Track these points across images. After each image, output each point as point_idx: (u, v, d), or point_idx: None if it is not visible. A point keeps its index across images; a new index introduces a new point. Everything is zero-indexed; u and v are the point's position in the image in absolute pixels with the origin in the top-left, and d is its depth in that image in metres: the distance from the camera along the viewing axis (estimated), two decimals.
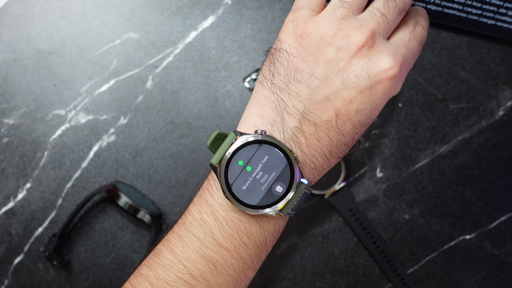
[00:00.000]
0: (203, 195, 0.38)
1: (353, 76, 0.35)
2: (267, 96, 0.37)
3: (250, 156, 0.36)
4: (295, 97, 0.37)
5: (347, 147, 0.38)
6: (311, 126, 0.36)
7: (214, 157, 0.36)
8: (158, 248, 0.39)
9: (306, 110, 0.36)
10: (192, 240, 0.37)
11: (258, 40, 0.62)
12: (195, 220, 0.38)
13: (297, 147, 0.37)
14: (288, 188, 0.36)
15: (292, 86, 0.37)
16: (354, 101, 0.36)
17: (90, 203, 0.61)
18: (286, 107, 0.37)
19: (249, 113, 0.38)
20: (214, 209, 0.37)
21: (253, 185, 0.36)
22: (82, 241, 0.61)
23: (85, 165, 0.62)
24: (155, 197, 0.61)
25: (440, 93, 0.61)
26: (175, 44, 0.62)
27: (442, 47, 0.61)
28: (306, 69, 0.36)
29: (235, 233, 0.37)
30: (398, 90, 0.37)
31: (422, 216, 0.61)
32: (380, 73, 0.35)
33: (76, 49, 0.62)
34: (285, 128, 0.37)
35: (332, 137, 0.36)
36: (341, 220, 0.61)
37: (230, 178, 0.36)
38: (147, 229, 0.61)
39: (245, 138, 0.36)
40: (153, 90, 0.62)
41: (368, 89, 0.36)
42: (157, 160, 0.61)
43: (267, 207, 0.36)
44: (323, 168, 0.38)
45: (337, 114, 0.36)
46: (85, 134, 0.62)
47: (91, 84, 0.62)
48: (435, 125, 0.61)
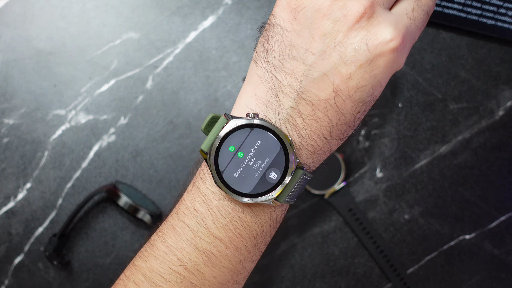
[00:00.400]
0: (196, 183, 0.37)
1: (352, 50, 0.34)
2: (261, 75, 0.36)
3: (241, 141, 0.35)
4: (290, 75, 0.35)
5: (348, 128, 0.36)
6: (308, 105, 0.35)
7: (204, 143, 0.35)
8: (152, 238, 0.38)
9: (302, 89, 0.35)
10: (184, 230, 0.37)
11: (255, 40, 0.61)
12: (188, 209, 0.37)
13: (293, 129, 0.35)
14: (283, 175, 0.35)
15: (287, 63, 0.35)
16: (354, 77, 0.34)
17: (90, 203, 0.62)
18: (281, 86, 0.35)
19: (243, 94, 0.37)
20: (206, 197, 0.36)
21: (245, 172, 0.35)
22: (82, 241, 0.61)
23: (85, 165, 0.62)
24: (155, 197, 0.61)
25: (440, 93, 0.62)
26: (175, 44, 0.62)
27: (442, 47, 0.61)
28: (302, 45, 0.35)
29: (229, 223, 0.36)
30: (401, 65, 0.35)
31: (422, 216, 0.61)
32: (381, 45, 0.34)
33: (76, 49, 0.62)
34: (280, 109, 0.35)
35: (331, 116, 0.35)
36: (341, 220, 0.62)
37: (220, 165, 0.35)
38: (147, 229, 0.61)
39: (235, 122, 0.35)
40: (153, 90, 0.62)
41: (368, 64, 0.34)
42: (157, 160, 0.61)
43: (261, 195, 0.35)
44: (323, 151, 0.37)
45: (335, 92, 0.34)
46: (85, 134, 0.62)
47: (91, 84, 0.62)
48: (435, 125, 0.61)
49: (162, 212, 0.61)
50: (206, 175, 0.37)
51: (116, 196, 0.58)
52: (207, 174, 0.37)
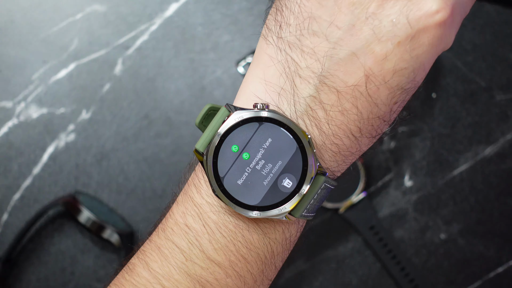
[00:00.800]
0: (189, 192, 0.37)
1: (388, 23, 0.33)
2: (273, 55, 0.35)
3: (247, 139, 0.34)
4: (310, 54, 0.34)
5: (383, 122, 0.35)
6: (332, 94, 0.34)
7: (199, 140, 0.35)
8: (132, 262, 0.37)
9: (325, 72, 0.34)
10: (173, 252, 0.36)
11: (255, 14, 0.61)
12: (178, 225, 0.36)
13: (313, 124, 0.35)
14: (300, 182, 0.34)
15: (305, 40, 0.35)
16: (390, 57, 0.33)
17: (43, 219, 0.60)
18: (298, 69, 0.35)
19: (249, 79, 0.36)
20: (202, 210, 0.36)
21: (252, 178, 0.34)
22: (33, 267, 0.60)
23: (37, 171, 0.61)
24: (125, 211, 0.61)
25: (484, 80, 0.61)
26: (151, 19, 0.62)
27: (485, 23, 0.61)
28: (324, 16, 0.34)
29: (230, 243, 0.35)
30: (449, 43, 0.35)
31: (462, 235, 0.61)
32: (425, 17, 0.33)
33: (27, 26, 0.62)
34: (297, 98, 0.35)
35: (362, 108, 0.34)
36: (360, 240, 0.61)
37: (220, 169, 0.34)
38: (115, 252, 0.60)
39: (240, 115, 0.34)
40: (123, 76, 0.61)
41: (409, 41, 0.33)
42: (128, 165, 0.61)
43: (271, 208, 0.34)
44: (350, 153, 0.36)
45: (367, 76, 0.34)
46: (37, 132, 0.61)
47: (45, 69, 0.61)
48: (477, 121, 0.61)
49: (134, 231, 0.60)
50: (202, 182, 0.36)
51: (76, 211, 0.58)
52: (202, 180, 0.36)
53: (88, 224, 0.57)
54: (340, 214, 0.60)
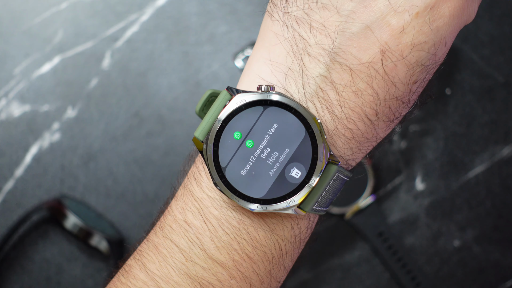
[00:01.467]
0: (188, 185, 0.36)
1: None
2: (279, 33, 0.35)
3: (250, 125, 0.33)
4: (319, 30, 0.34)
5: (402, 104, 0.35)
6: (345, 72, 0.34)
7: (198, 127, 0.34)
8: (128, 263, 0.37)
9: (336, 49, 0.33)
10: (172, 251, 0.35)
11: (254, 2, 0.61)
12: (177, 222, 0.36)
13: (323, 107, 0.34)
14: (309, 172, 0.33)
15: (315, 14, 0.34)
16: (408, 29, 0.33)
17: (26, 225, 0.60)
18: (306, 47, 0.34)
19: (253, 60, 0.36)
20: (202, 205, 0.35)
21: (256, 168, 0.34)
22: (16, 276, 0.59)
23: (20, 174, 0.61)
24: (114, 217, 0.60)
25: (502, 75, 0.60)
26: (142, 8, 0.62)
27: (503, 14, 0.60)
28: None
29: (233, 241, 0.35)
30: (472, 16, 0.34)
31: (477, 242, 0.61)
32: None
33: (7, 16, 0.62)
34: (306, 78, 0.34)
35: (378, 88, 0.33)
36: (368, 248, 0.60)
37: (222, 159, 0.34)
38: (104, 260, 0.59)
39: (242, 98, 0.33)
40: (112, 71, 0.61)
41: (428, 11, 0.33)
42: (117, 166, 0.61)
43: (278, 200, 0.34)
44: (366, 139, 0.35)
45: (383, 52, 0.33)
46: (19, 131, 0.61)
47: (28, 63, 0.61)
48: (495, 119, 0.61)
49: (124, 238, 0.59)
50: (202, 174, 0.36)
51: (61, 216, 0.57)
52: (203, 172, 0.36)
53: (75, 230, 0.57)
54: (347, 220, 0.59)
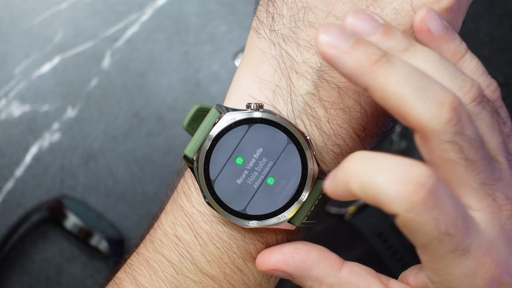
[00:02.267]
0: (178, 200, 0.37)
1: (391, 11, 0.33)
2: (266, 50, 0.35)
3: (240, 143, 0.34)
4: (306, 48, 0.34)
5: (388, 119, 0.35)
6: (333, 90, 0.34)
7: (189, 145, 0.35)
8: (118, 276, 0.37)
9: (323, 67, 0.34)
10: (163, 265, 0.36)
11: (254, 2, 0.60)
12: (167, 236, 0.36)
13: (312, 124, 0.35)
14: (299, 188, 0.34)
15: (301, 32, 0.34)
16: None
17: (26, 225, 0.60)
18: (294, 64, 0.35)
19: (240, 77, 0.36)
20: (193, 220, 0.36)
21: (246, 184, 0.35)
22: (16, 276, 0.59)
23: (20, 174, 0.61)
24: (114, 217, 0.60)
25: (502, 75, 0.60)
26: (142, 8, 0.62)
27: (503, 14, 0.60)
28: (321, 6, 0.34)
29: (224, 255, 0.35)
30: (456, 31, 0.35)
31: None
32: (430, 3, 0.33)
33: (7, 16, 0.62)
34: (294, 95, 0.35)
35: (365, 104, 0.34)
36: (368, 248, 0.59)
37: (212, 175, 0.34)
38: (104, 260, 0.59)
39: (231, 116, 0.34)
40: (112, 71, 0.62)
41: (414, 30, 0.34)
42: (117, 166, 0.61)
43: (270, 216, 0.34)
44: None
45: None
46: (19, 131, 0.61)
47: (28, 63, 0.62)
48: None
49: (124, 238, 0.59)
50: (192, 189, 0.36)
51: (61, 216, 0.57)
52: (193, 187, 0.36)
53: (75, 230, 0.57)
54: (346, 220, 0.59)
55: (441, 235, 0.26)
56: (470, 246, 0.27)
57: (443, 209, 0.26)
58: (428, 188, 0.26)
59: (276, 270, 0.34)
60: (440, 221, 0.26)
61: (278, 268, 0.34)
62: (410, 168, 0.26)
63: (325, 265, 0.33)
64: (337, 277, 0.32)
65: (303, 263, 0.33)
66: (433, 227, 0.26)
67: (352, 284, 0.32)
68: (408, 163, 0.26)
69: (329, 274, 0.32)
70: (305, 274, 0.33)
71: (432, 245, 0.27)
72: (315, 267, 0.33)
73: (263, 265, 0.34)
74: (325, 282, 0.33)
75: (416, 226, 0.26)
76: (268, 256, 0.35)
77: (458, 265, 0.27)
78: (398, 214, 0.26)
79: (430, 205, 0.26)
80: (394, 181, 0.26)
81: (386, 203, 0.26)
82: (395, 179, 0.26)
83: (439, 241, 0.26)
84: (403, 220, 0.26)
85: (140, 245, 0.38)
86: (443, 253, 0.27)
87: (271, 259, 0.34)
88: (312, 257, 0.33)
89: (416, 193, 0.26)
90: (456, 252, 0.27)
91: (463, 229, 0.27)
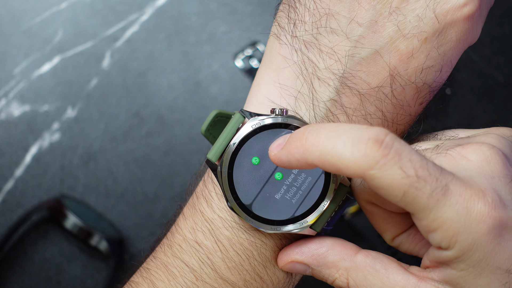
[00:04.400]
0: (198, 205, 0.36)
1: (413, 18, 0.33)
2: (287, 56, 0.35)
3: (266, 148, 0.35)
4: (329, 54, 0.34)
5: (407, 126, 0.36)
6: (355, 96, 0.34)
7: (212, 149, 0.35)
8: (135, 281, 0.37)
9: (346, 73, 0.34)
10: (182, 271, 0.36)
11: (254, 2, 0.62)
12: (187, 241, 0.36)
13: None
14: (322, 194, 0.34)
15: (323, 38, 0.35)
16: (417, 54, 0.33)
17: (26, 225, 0.60)
18: (316, 71, 0.35)
19: (261, 83, 0.36)
20: (213, 225, 0.36)
21: (270, 190, 0.35)
22: (16, 276, 0.60)
23: (20, 174, 0.61)
24: (114, 217, 0.61)
25: (502, 75, 0.61)
26: (142, 8, 0.63)
27: (504, 14, 0.61)
28: (343, 12, 0.34)
29: (245, 262, 0.35)
30: (476, 37, 0.35)
31: None
32: (453, 11, 0.33)
33: (7, 16, 0.63)
34: (316, 102, 0.35)
35: (386, 111, 0.34)
36: (368, 248, 0.55)
37: (237, 181, 0.35)
38: (104, 260, 0.60)
39: (257, 121, 0.34)
40: (112, 71, 0.62)
41: (436, 36, 0.33)
42: (117, 166, 0.61)
43: (291, 222, 0.35)
44: None
45: (392, 76, 0.34)
46: (19, 131, 0.61)
47: (28, 63, 0.62)
48: (495, 119, 0.61)
49: (124, 238, 0.60)
50: (213, 194, 0.36)
51: (61, 216, 0.58)
52: (213, 193, 0.36)
53: (75, 230, 0.57)
54: (346, 220, 0.59)
55: (413, 180, 0.27)
56: (449, 183, 0.28)
57: (406, 157, 0.27)
58: (387, 143, 0.27)
59: (294, 263, 0.35)
60: (406, 167, 0.27)
61: (295, 260, 0.34)
62: (366, 130, 0.28)
63: (339, 250, 0.33)
64: (353, 261, 0.33)
65: (318, 250, 0.33)
66: (402, 175, 0.27)
67: (368, 267, 0.33)
68: (364, 127, 0.28)
69: (344, 259, 0.33)
70: (321, 261, 0.33)
71: (410, 195, 0.27)
72: (329, 252, 0.33)
73: (281, 260, 0.35)
74: (340, 267, 0.33)
75: (385, 181, 0.27)
76: (284, 250, 0.35)
77: (446, 207, 0.28)
78: (363, 175, 0.27)
79: (391, 157, 0.27)
80: (353, 144, 0.27)
81: (349, 167, 0.27)
82: (354, 142, 0.27)
83: (415, 188, 0.27)
84: (370, 179, 0.27)
85: (156, 249, 0.38)
86: (425, 199, 0.27)
87: (287, 252, 0.35)
88: (327, 243, 0.34)
89: (376, 149, 0.27)
90: (436, 193, 0.28)
91: (434, 168, 0.28)
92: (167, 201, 0.61)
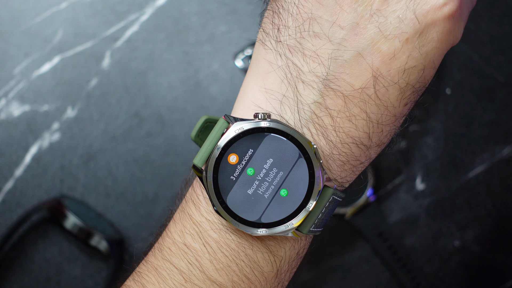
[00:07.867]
0: (186, 209, 0.37)
1: (394, 20, 0.34)
2: (272, 61, 0.36)
3: (250, 153, 0.35)
4: (312, 58, 0.35)
5: (393, 127, 0.36)
6: (339, 98, 0.35)
7: (197, 155, 0.35)
8: (127, 284, 0.38)
9: (330, 76, 0.35)
10: (171, 273, 0.36)
11: (254, 2, 0.62)
12: (176, 244, 0.37)
13: (319, 133, 0.35)
14: (306, 196, 0.35)
15: (307, 42, 0.35)
16: (399, 55, 0.34)
17: (26, 225, 0.60)
18: (300, 74, 0.35)
19: (247, 88, 0.37)
20: (201, 228, 0.36)
21: (255, 193, 0.35)
22: (16, 277, 0.60)
23: (20, 174, 0.62)
24: (114, 217, 0.61)
25: (503, 75, 0.61)
26: (142, 8, 0.63)
27: (504, 13, 0.61)
28: (326, 16, 0.35)
29: (232, 263, 0.36)
30: (458, 38, 0.36)
31: (478, 242, 0.61)
32: (433, 11, 0.34)
33: (7, 16, 0.62)
34: (301, 105, 0.35)
35: (371, 112, 0.35)
36: (368, 248, 0.61)
37: (222, 185, 0.35)
38: (104, 260, 0.60)
39: (239, 126, 0.35)
40: (112, 71, 0.62)
41: (417, 37, 0.34)
42: (117, 166, 0.62)
43: (277, 224, 0.35)
44: (359, 162, 0.36)
45: (375, 77, 0.34)
46: (19, 131, 0.62)
47: (27, 63, 0.62)
48: (495, 119, 0.61)
49: (124, 238, 0.61)
50: (201, 198, 0.37)
51: (61, 216, 0.58)
52: (201, 196, 0.37)
53: (75, 230, 0.57)
54: (346, 220, 0.60)
55: None
56: None
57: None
58: None
59: None
60: None
61: None
62: None
63: None
64: None
65: None
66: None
67: None
68: None
69: None
70: None
71: None
72: None
73: None
74: None
75: None
76: None
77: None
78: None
79: None
80: None
81: None
82: None
83: None
84: None
85: (148, 254, 0.38)
86: None
87: None
88: None
89: None
90: None
91: None
92: (167, 201, 0.61)
